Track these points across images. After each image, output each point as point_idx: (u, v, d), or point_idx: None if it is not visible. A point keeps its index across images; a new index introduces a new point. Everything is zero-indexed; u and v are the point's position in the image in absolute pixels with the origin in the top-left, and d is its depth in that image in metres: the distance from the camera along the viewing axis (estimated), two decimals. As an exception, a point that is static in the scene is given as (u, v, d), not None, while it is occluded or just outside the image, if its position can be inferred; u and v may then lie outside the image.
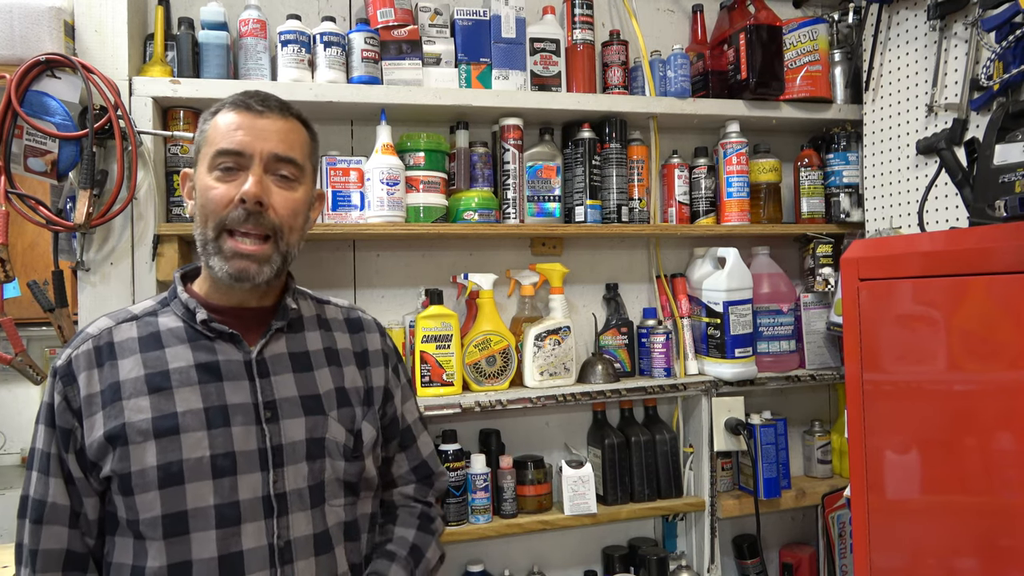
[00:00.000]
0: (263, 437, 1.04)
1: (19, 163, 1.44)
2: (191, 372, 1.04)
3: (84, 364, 1.04)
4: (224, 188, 1.03)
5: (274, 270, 1.07)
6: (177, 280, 1.13)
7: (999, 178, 1.25)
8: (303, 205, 1.10)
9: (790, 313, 2.03)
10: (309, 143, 1.13)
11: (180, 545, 0.98)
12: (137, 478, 0.98)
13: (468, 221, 1.79)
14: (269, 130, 1.05)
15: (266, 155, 1.05)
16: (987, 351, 1.06)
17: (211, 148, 1.05)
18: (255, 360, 1.08)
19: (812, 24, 1.99)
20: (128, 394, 1.01)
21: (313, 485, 1.06)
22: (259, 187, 1.03)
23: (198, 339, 1.07)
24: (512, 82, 1.83)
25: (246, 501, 1.01)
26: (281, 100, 1.10)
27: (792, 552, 2.12)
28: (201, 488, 0.99)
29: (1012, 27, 1.42)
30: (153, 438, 0.99)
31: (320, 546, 1.06)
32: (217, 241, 1.04)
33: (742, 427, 1.90)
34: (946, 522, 1.13)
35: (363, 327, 1.24)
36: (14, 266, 1.43)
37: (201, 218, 1.06)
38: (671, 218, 2.01)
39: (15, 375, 1.53)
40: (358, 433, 1.13)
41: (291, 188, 1.08)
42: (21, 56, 1.44)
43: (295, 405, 1.08)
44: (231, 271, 1.04)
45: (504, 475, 1.80)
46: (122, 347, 1.05)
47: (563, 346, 1.85)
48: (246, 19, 1.68)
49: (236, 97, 1.08)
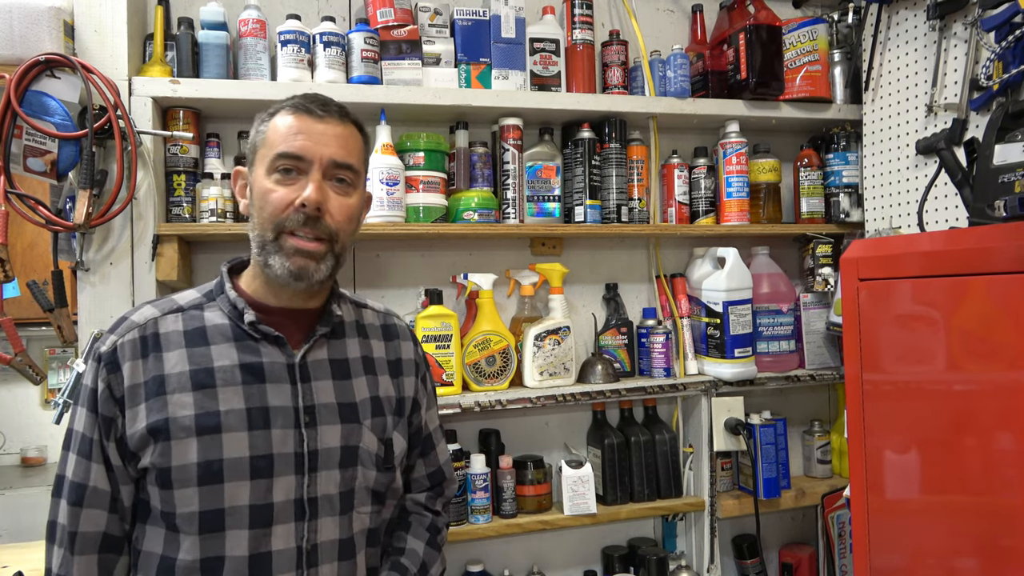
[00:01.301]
0: (300, 441, 1.05)
1: (19, 163, 1.44)
2: (235, 372, 1.04)
3: (129, 353, 1.04)
4: (284, 191, 1.04)
5: (329, 269, 1.08)
6: (225, 276, 1.13)
7: (999, 178, 1.25)
8: (357, 211, 1.12)
9: (790, 313, 2.03)
10: (364, 148, 1.14)
11: (214, 541, 0.99)
12: (177, 473, 0.99)
13: (468, 221, 1.79)
14: (329, 135, 1.06)
15: (326, 161, 1.05)
16: (986, 351, 1.06)
17: (270, 150, 1.05)
18: (298, 364, 1.08)
19: (812, 24, 1.99)
20: (173, 389, 1.02)
21: (344, 492, 1.07)
22: (320, 193, 1.03)
23: (244, 339, 1.07)
24: (512, 82, 1.83)
25: (279, 503, 1.02)
26: (340, 105, 1.11)
27: (792, 552, 2.12)
28: (238, 487, 1.00)
29: (1012, 27, 1.42)
30: (196, 435, 1.00)
31: (344, 552, 1.07)
32: (277, 241, 1.05)
33: (742, 427, 1.90)
34: (946, 522, 1.13)
35: (398, 334, 1.25)
36: (14, 266, 1.43)
37: (259, 220, 1.06)
38: (671, 218, 2.01)
39: (15, 375, 1.53)
40: (389, 443, 1.14)
41: (347, 194, 1.08)
42: (21, 56, 1.44)
43: (332, 412, 1.09)
44: (292, 268, 1.04)
45: (504, 475, 1.80)
46: (167, 339, 1.05)
47: (563, 346, 1.85)
48: (246, 19, 1.68)
49: (296, 100, 1.08)
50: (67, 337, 1.50)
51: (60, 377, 3.46)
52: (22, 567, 1.53)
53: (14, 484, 3.09)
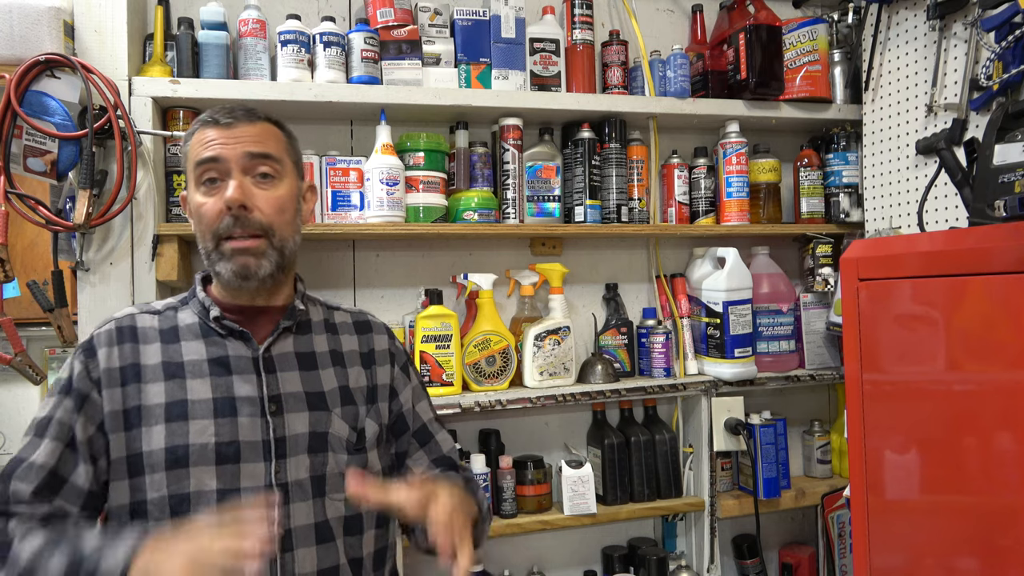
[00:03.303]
0: (267, 429, 1.08)
1: (19, 163, 1.44)
2: (203, 365, 1.10)
3: (105, 341, 1.10)
4: (211, 201, 1.09)
5: (273, 264, 1.11)
6: (198, 281, 1.19)
7: (999, 178, 1.25)
8: (289, 200, 1.14)
9: (790, 313, 2.03)
10: (283, 139, 1.17)
11: (184, 526, 1.00)
12: (147, 458, 1.03)
13: (468, 221, 1.79)
14: (240, 135, 1.11)
15: (240, 156, 1.09)
16: (986, 351, 1.06)
17: (191, 164, 1.12)
18: (262, 356, 1.12)
19: (812, 24, 1.99)
20: (147, 379, 1.07)
21: (315, 476, 1.10)
22: (240, 191, 1.08)
23: (211, 335, 1.13)
24: (512, 82, 1.83)
25: (248, 489, 1.05)
26: (247, 108, 1.15)
27: (792, 552, 2.12)
28: (204, 472, 1.04)
29: (1012, 27, 1.42)
30: (164, 422, 1.04)
31: (320, 536, 1.09)
32: (218, 248, 1.10)
33: (742, 427, 1.90)
34: (946, 522, 1.13)
35: (371, 329, 1.28)
36: (14, 266, 1.43)
37: (199, 233, 1.12)
38: (671, 218, 2.01)
39: (15, 375, 1.53)
40: (361, 430, 1.17)
41: (272, 186, 1.12)
42: (21, 56, 1.44)
43: (300, 400, 1.12)
44: (234, 268, 1.09)
45: (504, 475, 1.80)
46: (144, 333, 1.12)
47: (563, 346, 1.85)
48: (246, 19, 1.68)
49: (205, 115, 1.13)
50: (67, 337, 1.50)
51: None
52: (22, 567, 1.53)
53: (14, 484, 3.08)
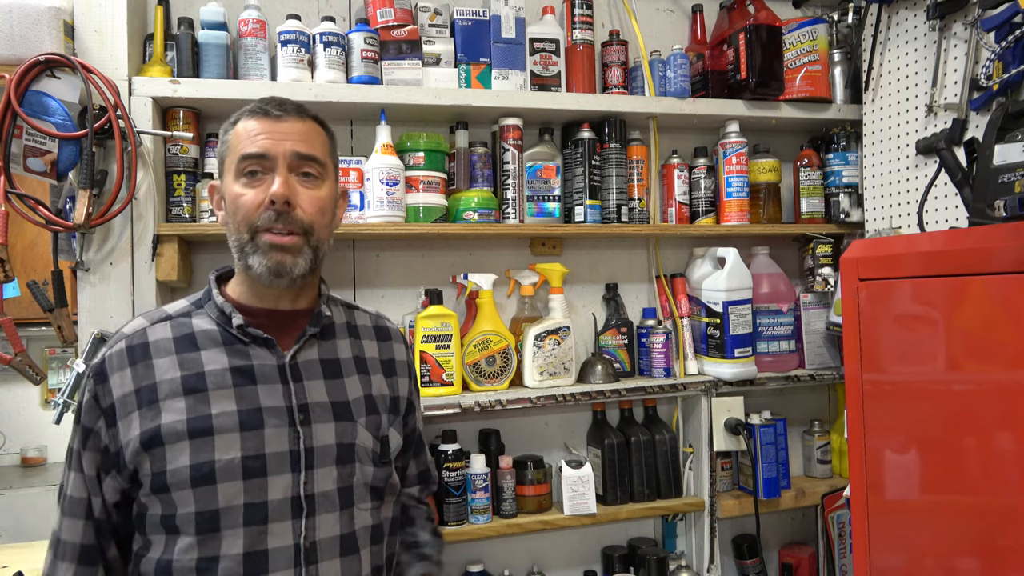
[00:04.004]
0: (296, 439, 1.06)
1: (19, 163, 1.44)
2: (226, 375, 1.06)
3: (117, 363, 1.06)
4: (252, 193, 1.06)
5: (308, 263, 1.09)
6: (212, 283, 1.15)
7: (999, 178, 1.25)
8: (329, 203, 1.13)
9: (790, 313, 2.03)
10: (328, 142, 1.16)
11: (211, 542, 1.01)
12: (171, 476, 1.00)
13: (468, 221, 1.79)
14: (289, 131, 1.08)
15: (289, 155, 1.07)
16: (986, 351, 1.06)
17: (235, 156, 1.08)
18: (288, 364, 1.09)
19: (812, 24, 1.99)
20: (164, 395, 1.03)
21: (342, 488, 1.08)
22: (286, 187, 1.05)
23: (233, 343, 1.09)
24: (512, 82, 1.83)
25: (275, 501, 1.03)
26: (298, 103, 1.13)
27: (792, 552, 2.12)
28: (232, 488, 1.01)
29: (1012, 27, 1.42)
30: (188, 438, 1.01)
31: (346, 548, 1.08)
32: (253, 240, 1.06)
33: (742, 427, 1.90)
34: (945, 522, 1.13)
35: (391, 336, 1.27)
36: (14, 266, 1.43)
37: (234, 225, 1.08)
38: (671, 218, 2.01)
39: (15, 375, 1.53)
40: (384, 439, 1.16)
41: (316, 186, 1.10)
42: (21, 56, 1.44)
43: (326, 410, 1.10)
44: (269, 264, 1.06)
45: (504, 475, 1.80)
46: (156, 347, 1.07)
47: (563, 346, 1.85)
48: (246, 19, 1.68)
49: (254, 105, 1.11)
50: (67, 337, 1.50)
51: (60, 377, 3.46)
52: (22, 567, 1.53)
53: (14, 484, 3.09)
